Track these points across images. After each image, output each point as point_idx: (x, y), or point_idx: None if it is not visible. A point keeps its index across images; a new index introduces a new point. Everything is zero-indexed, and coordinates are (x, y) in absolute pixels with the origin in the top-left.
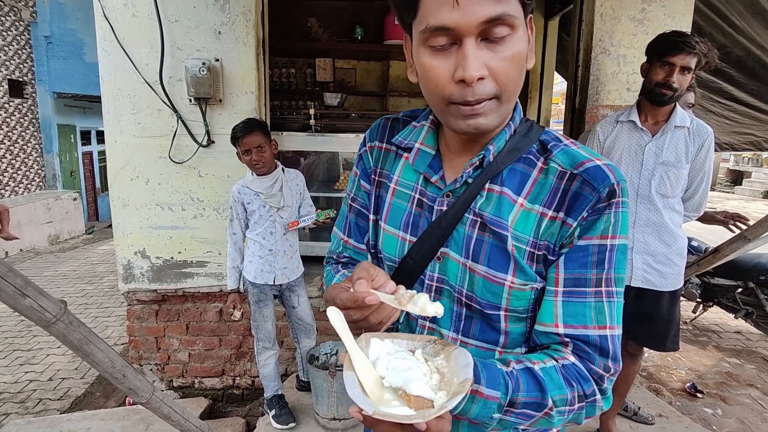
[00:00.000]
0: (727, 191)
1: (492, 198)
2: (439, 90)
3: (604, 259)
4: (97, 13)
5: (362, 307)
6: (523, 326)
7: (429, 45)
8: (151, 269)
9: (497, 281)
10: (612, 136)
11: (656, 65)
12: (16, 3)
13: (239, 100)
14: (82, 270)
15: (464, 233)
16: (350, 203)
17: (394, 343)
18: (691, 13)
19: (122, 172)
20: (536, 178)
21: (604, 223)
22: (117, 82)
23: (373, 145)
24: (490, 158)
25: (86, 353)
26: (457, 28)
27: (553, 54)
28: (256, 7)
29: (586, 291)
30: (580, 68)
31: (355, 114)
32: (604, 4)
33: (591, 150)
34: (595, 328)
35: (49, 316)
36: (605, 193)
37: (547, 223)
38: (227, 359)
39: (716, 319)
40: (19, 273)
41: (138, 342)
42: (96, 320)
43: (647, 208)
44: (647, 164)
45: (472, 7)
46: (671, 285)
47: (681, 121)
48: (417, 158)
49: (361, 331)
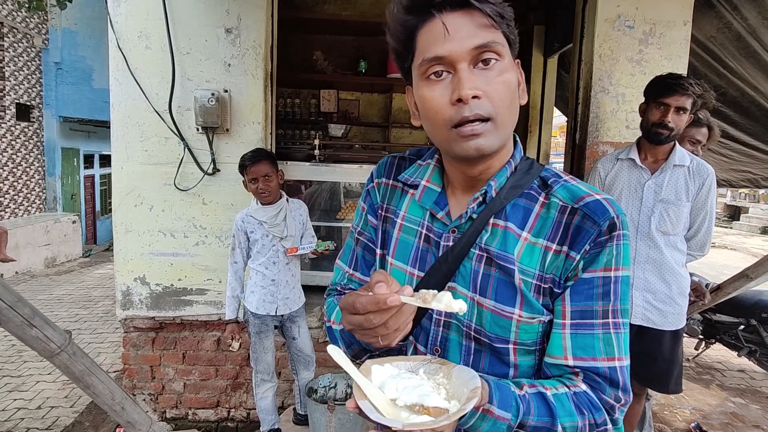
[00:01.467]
0: (725, 226)
1: (497, 233)
2: (440, 116)
3: (609, 291)
4: (112, 44)
5: (383, 310)
6: (532, 359)
7: (427, 77)
8: (150, 296)
9: (505, 315)
10: (612, 173)
11: (652, 106)
12: (29, 30)
13: (246, 130)
14: (77, 294)
15: (471, 268)
16: (357, 237)
17: (394, 366)
18: (686, 55)
19: (127, 198)
20: (539, 212)
21: (607, 256)
22: (127, 111)
23: (381, 181)
24: (493, 194)
25: (87, 384)
26: (450, 56)
27: (552, 90)
28: (265, 41)
29: (594, 323)
30: (580, 105)
31: (359, 145)
32: (603, 45)
33: (590, 185)
34: (604, 360)
35: (53, 347)
36: (606, 227)
37: (551, 257)
38: (223, 390)
39: (719, 357)
40: (28, 302)
41: (132, 370)
42: (89, 346)
43: (647, 245)
44: (647, 201)
45: (461, 37)
46: (672, 324)
47: (680, 160)
48: (423, 195)
49: (378, 339)
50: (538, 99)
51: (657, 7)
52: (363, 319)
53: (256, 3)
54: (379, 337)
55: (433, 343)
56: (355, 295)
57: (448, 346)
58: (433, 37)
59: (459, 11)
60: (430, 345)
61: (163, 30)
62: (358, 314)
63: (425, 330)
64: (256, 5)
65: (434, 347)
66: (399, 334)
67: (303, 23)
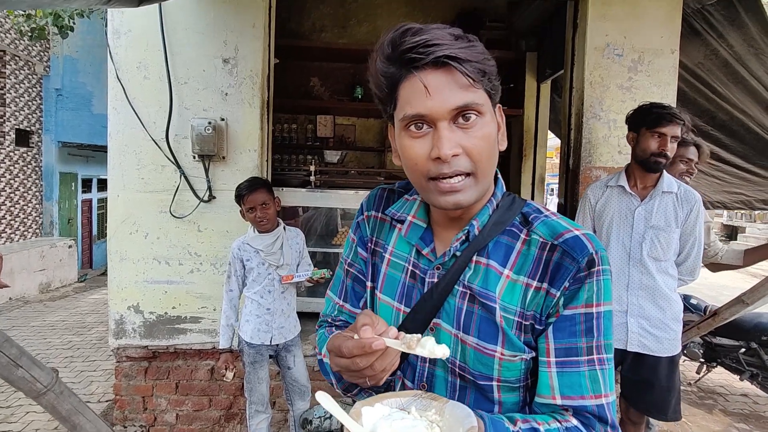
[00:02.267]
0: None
1: (480, 270)
2: (419, 168)
3: (592, 327)
4: (111, 75)
5: (369, 353)
6: (516, 395)
7: (408, 130)
8: (144, 324)
9: (488, 353)
10: (603, 200)
11: (647, 135)
12: (31, 58)
13: (242, 158)
14: (70, 320)
15: (455, 305)
16: (347, 268)
17: (385, 405)
18: (675, 82)
19: (122, 226)
20: (520, 249)
21: (587, 292)
22: (124, 139)
23: (370, 214)
24: (476, 232)
25: (74, 425)
26: (430, 115)
27: (546, 114)
28: (262, 71)
29: (579, 360)
30: (572, 131)
31: (355, 171)
32: (593, 72)
33: (570, 220)
34: (591, 398)
35: (39, 387)
36: (584, 263)
37: (532, 294)
38: (216, 421)
39: (721, 381)
40: (15, 342)
41: (124, 402)
42: (80, 374)
43: (640, 271)
44: (637, 228)
45: (442, 98)
46: (668, 350)
47: (668, 186)
48: (409, 231)
49: (365, 380)
50: (532, 123)
51: (644, 36)
52: (349, 363)
53: (253, 34)
54: (366, 378)
55: (419, 379)
56: (342, 338)
57: (434, 382)
58: (414, 93)
59: (441, 70)
60: (417, 380)
61: (162, 60)
62: (344, 357)
63: (412, 365)
64: (253, 36)
65: (421, 383)
66: (385, 374)
67: (300, 51)
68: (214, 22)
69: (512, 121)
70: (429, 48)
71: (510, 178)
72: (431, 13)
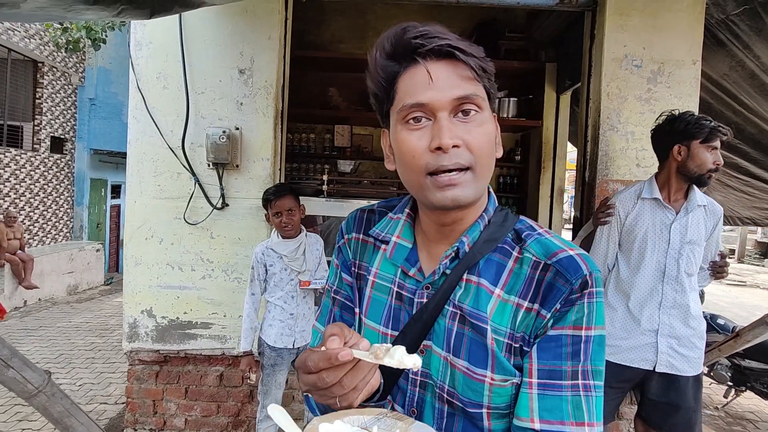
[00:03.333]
0: (757, 264)
1: (470, 289)
2: (416, 161)
3: (579, 350)
4: (132, 85)
5: (336, 366)
6: (506, 422)
7: (406, 121)
8: (156, 329)
9: (477, 378)
10: (634, 214)
11: (702, 150)
12: (68, 69)
13: (255, 166)
14: (94, 322)
15: (445, 326)
16: (333, 296)
17: (345, 422)
18: (697, 94)
19: (138, 231)
20: (512, 268)
21: (576, 314)
22: (142, 147)
23: (351, 237)
24: (466, 249)
25: (66, 427)
26: (431, 104)
27: (565, 126)
28: (277, 81)
29: (562, 384)
30: (589, 143)
31: (368, 180)
32: (610, 84)
33: (564, 240)
34: (572, 425)
35: (30, 388)
36: (578, 285)
37: (522, 314)
38: (224, 427)
39: (751, 406)
40: (7, 344)
41: (135, 405)
42: (100, 376)
43: (674, 289)
44: (674, 243)
45: (444, 86)
46: (694, 369)
47: (701, 200)
48: (394, 252)
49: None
50: (551, 135)
51: (664, 47)
52: (316, 378)
53: (268, 45)
54: (336, 397)
55: (410, 404)
56: (309, 351)
57: (423, 408)
58: (415, 83)
59: (443, 61)
60: (407, 406)
61: (180, 71)
62: (311, 373)
63: (402, 390)
64: (268, 47)
65: (411, 408)
66: (357, 393)
67: (319, 62)
68: (232, 34)
69: (531, 132)
70: (433, 38)
71: (528, 191)
72: (450, 24)
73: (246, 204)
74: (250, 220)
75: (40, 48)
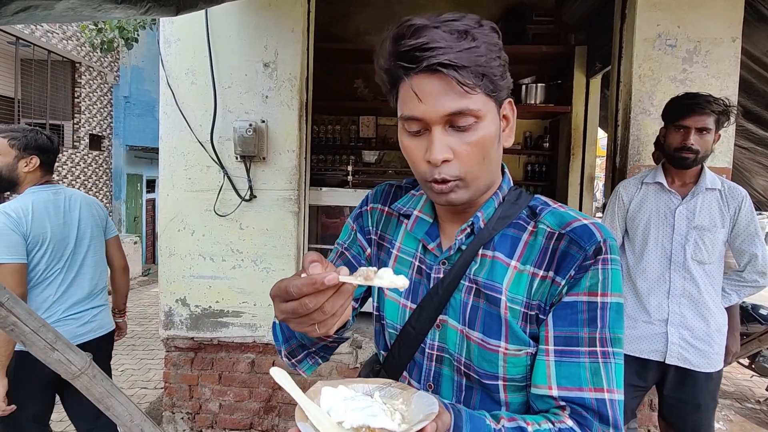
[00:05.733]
0: None
1: (485, 263)
2: (417, 168)
3: (595, 317)
4: (162, 82)
5: (320, 291)
6: (523, 395)
7: (406, 130)
8: (190, 317)
9: (491, 348)
10: (638, 199)
11: (671, 130)
12: (103, 68)
13: (281, 158)
14: (134, 311)
15: (461, 300)
16: (342, 251)
17: (349, 388)
18: (737, 72)
19: (171, 223)
20: (527, 240)
21: (590, 280)
22: (173, 142)
23: (376, 207)
24: (481, 224)
25: (107, 406)
26: (424, 119)
27: (596, 111)
28: (301, 74)
29: (579, 350)
30: (619, 128)
31: (392, 171)
32: (642, 65)
33: (578, 211)
34: (591, 391)
35: (74, 369)
36: (591, 251)
37: (538, 283)
38: (256, 412)
39: None
40: (51, 328)
41: (172, 389)
42: (141, 362)
43: (682, 276)
44: (679, 228)
45: (435, 103)
46: (713, 365)
47: (712, 183)
48: (415, 225)
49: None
50: (580, 121)
51: (701, 25)
52: (297, 305)
53: (292, 38)
54: (315, 324)
55: (426, 379)
56: (288, 279)
57: (441, 382)
58: (410, 96)
59: (435, 75)
60: (423, 381)
61: (207, 67)
62: (292, 300)
63: (418, 365)
64: (292, 40)
65: (428, 383)
66: (336, 319)
67: (345, 54)
68: (256, 28)
69: (560, 118)
70: (424, 53)
71: (557, 178)
72: (477, 10)
73: (273, 195)
74: (277, 211)
75: (77, 49)
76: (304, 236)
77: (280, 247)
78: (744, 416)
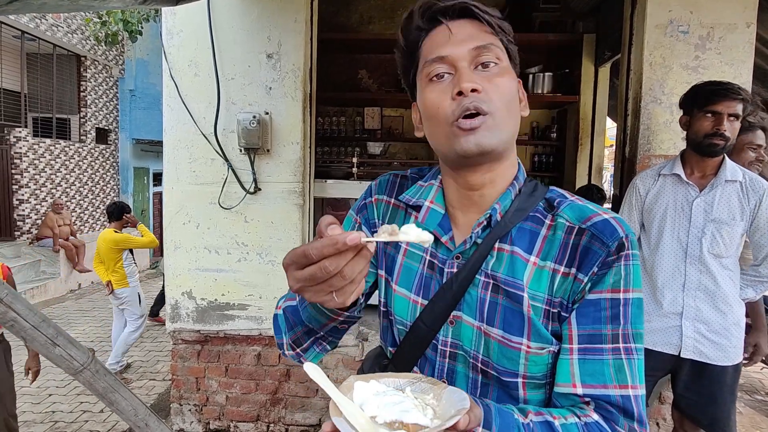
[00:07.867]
0: None
1: (503, 258)
2: (441, 111)
3: (618, 313)
4: (165, 74)
5: (341, 253)
6: (542, 393)
7: (429, 79)
8: (196, 310)
9: (513, 346)
10: (654, 191)
11: (700, 116)
12: (108, 62)
13: (285, 150)
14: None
15: (477, 296)
16: None
17: (380, 383)
18: (751, 59)
19: (176, 216)
20: (546, 235)
21: (614, 276)
22: (177, 134)
23: (381, 198)
24: (498, 217)
25: (111, 401)
26: (451, 56)
27: (604, 100)
28: (304, 65)
29: (603, 348)
30: (629, 117)
31: (398, 162)
32: (654, 53)
33: (597, 205)
34: (616, 388)
35: (76, 365)
36: (614, 247)
37: (560, 280)
38: (262, 404)
39: None
40: (52, 323)
41: (180, 381)
42: (149, 354)
43: (698, 270)
44: (696, 221)
45: (462, 39)
46: (731, 359)
47: (732, 174)
48: (427, 217)
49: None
50: (589, 110)
51: (714, 10)
52: (316, 269)
53: (294, 29)
54: (333, 292)
55: (439, 375)
56: (306, 244)
57: (454, 378)
58: (436, 41)
59: (462, 20)
60: (436, 377)
61: (210, 58)
62: (311, 264)
63: (430, 361)
64: (295, 31)
65: (441, 379)
66: (355, 287)
67: (348, 44)
68: (259, 18)
69: (568, 108)
70: (455, 3)
71: (565, 169)
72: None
73: (278, 188)
74: (282, 203)
75: (82, 42)
76: (309, 229)
77: (285, 240)
78: (754, 408)
